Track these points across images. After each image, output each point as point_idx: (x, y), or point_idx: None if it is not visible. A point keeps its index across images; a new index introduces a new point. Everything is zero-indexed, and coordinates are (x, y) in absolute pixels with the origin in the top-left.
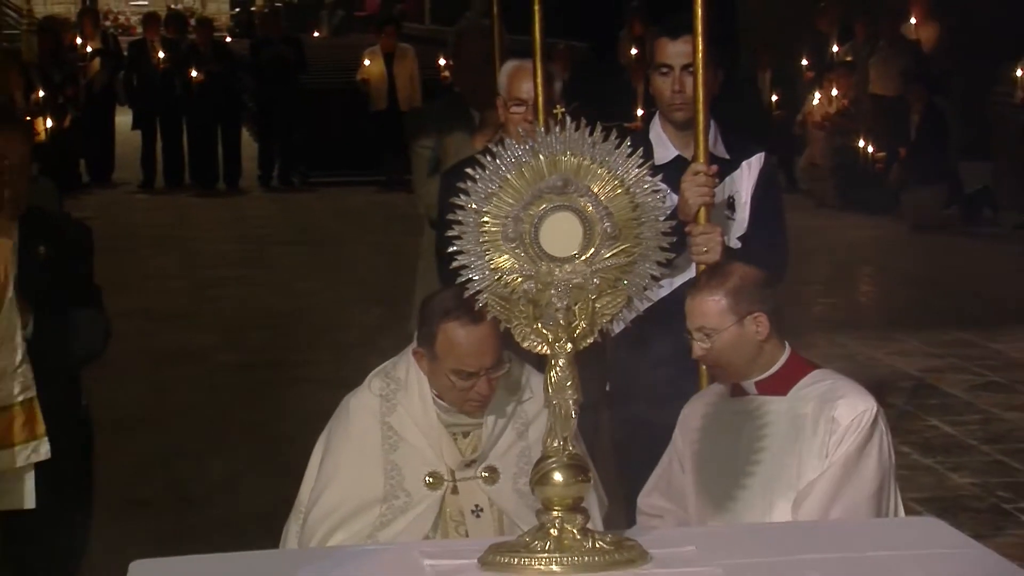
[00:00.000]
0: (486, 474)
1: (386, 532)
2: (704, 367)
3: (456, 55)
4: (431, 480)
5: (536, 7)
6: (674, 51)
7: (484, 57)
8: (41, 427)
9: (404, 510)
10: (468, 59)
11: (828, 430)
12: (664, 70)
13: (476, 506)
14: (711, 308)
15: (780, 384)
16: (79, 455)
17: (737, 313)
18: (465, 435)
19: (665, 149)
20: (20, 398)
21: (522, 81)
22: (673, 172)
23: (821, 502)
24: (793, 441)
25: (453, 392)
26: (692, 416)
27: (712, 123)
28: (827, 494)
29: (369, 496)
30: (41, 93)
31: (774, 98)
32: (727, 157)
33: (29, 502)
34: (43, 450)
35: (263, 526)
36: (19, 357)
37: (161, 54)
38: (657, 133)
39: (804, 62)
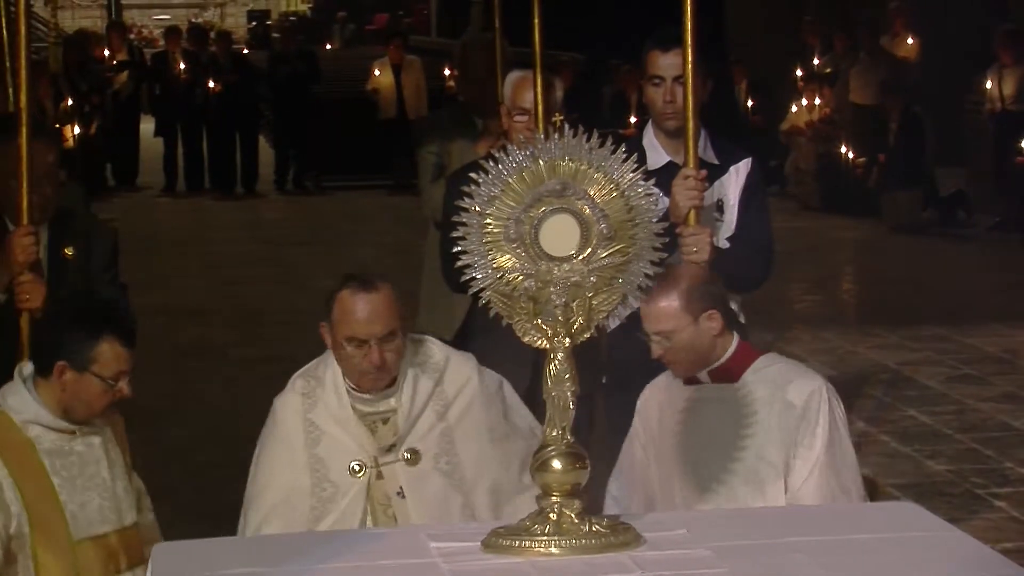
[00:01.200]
0: (408, 456)
1: (322, 525)
2: None
3: (461, 66)
4: (356, 468)
5: (536, 20)
6: (665, 63)
7: (487, 68)
8: None
9: (332, 500)
10: (472, 70)
11: (784, 412)
12: (656, 81)
13: (400, 488)
14: (666, 311)
15: (731, 372)
16: None
17: (692, 313)
18: (384, 422)
19: (657, 155)
20: None
21: (525, 91)
22: (665, 176)
23: (820, 499)
24: (749, 425)
25: (350, 364)
26: (649, 404)
27: (702, 130)
28: (828, 489)
29: (298, 493)
30: (69, 102)
31: (750, 104)
32: (716, 162)
33: None
34: None
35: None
36: (152, 519)
37: (182, 65)
38: (650, 140)
39: (799, 72)
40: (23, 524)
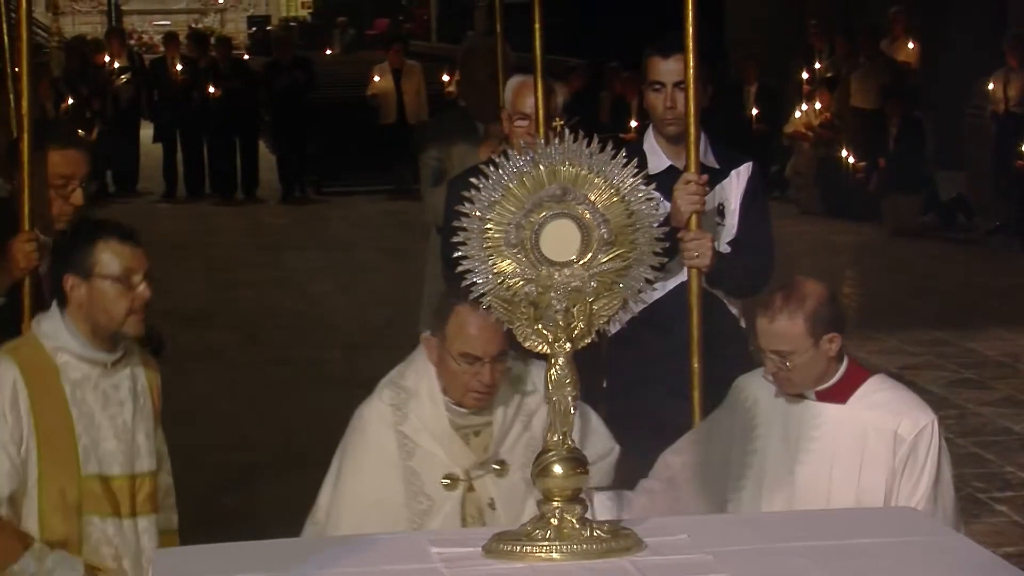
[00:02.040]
0: (497, 467)
1: None
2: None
3: (463, 71)
4: (447, 482)
5: (536, 25)
6: (666, 69)
7: (489, 73)
8: None
9: (428, 513)
10: (474, 75)
11: (891, 444)
12: (657, 87)
13: (491, 499)
14: (790, 332)
15: (839, 393)
16: None
17: (815, 336)
18: (476, 434)
19: (658, 159)
20: (172, 526)
21: (525, 96)
22: (666, 181)
23: None
24: (853, 451)
25: (457, 380)
26: (746, 396)
27: (703, 135)
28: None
29: (391, 504)
30: (70, 100)
31: (755, 112)
32: (717, 167)
33: None
34: None
35: (279, 515)
36: (170, 482)
37: (180, 69)
38: (651, 144)
39: (804, 75)
40: (32, 449)
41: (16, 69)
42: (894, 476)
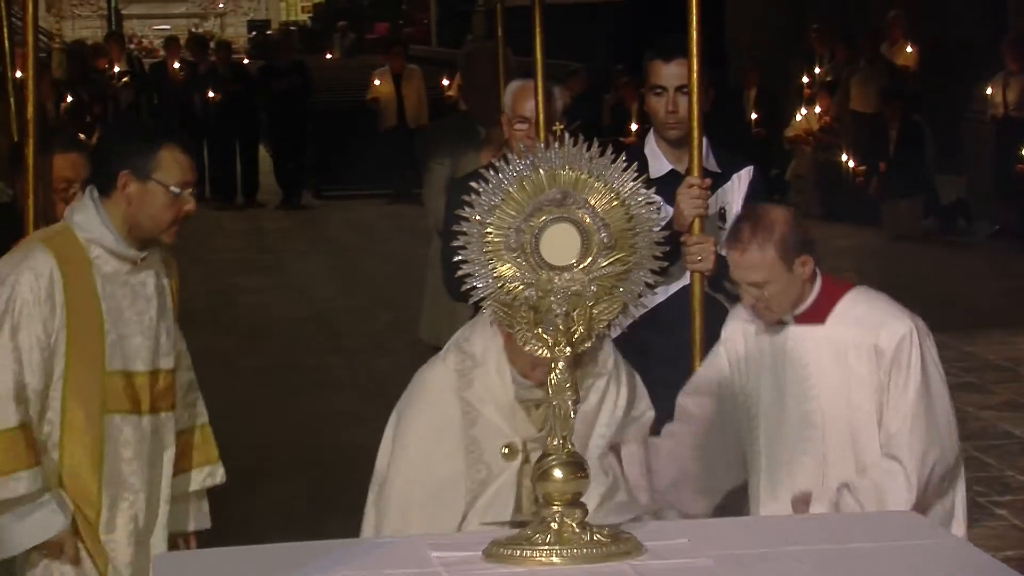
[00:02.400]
0: None
1: (475, 509)
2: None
3: (464, 76)
4: (507, 451)
5: (537, 29)
6: (667, 73)
7: (492, 77)
8: (215, 451)
9: (487, 483)
10: (476, 80)
11: (873, 358)
12: (658, 91)
13: None
14: (763, 262)
15: (817, 314)
16: None
17: (787, 261)
18: (537, 407)
19: (659, 163)
20: (199, 421)
21: (525, 100)
22: (667, 185)
23: (921, 448)
24: (838, 370)
25: (525, 356)
26: (735, 335)
27: (704, 139)
28: (920, 436)
29: (450, 470)
30: (69, 98)
31: (754, 116)
32: (718, 171)
33: (205, 522)
34: (219, 474)
35: (279, 519)
36: (191, 378)
37: (180, 73)
38: (652, 148)
39: (804, 79)
40: (60, 342)
41: (19, 74)
42: (882, 391)
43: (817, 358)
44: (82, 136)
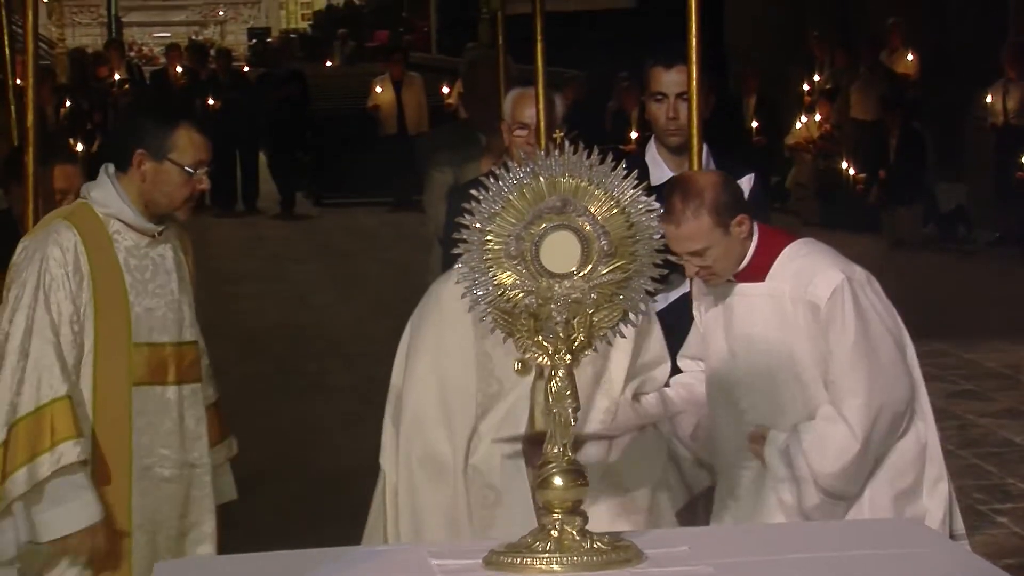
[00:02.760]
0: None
1: (486, 423)
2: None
3: (466, 83)
4: (519, 366)
5: (538, 36)
6: (668, 80)
7: (494, 85)
8: (227, 427)
9: (499, 398)
10: (477, 87)
11: (809, 312)
12: (659, 98)
13: None
14: (699, 230)
15: (755, 271)
16: None
17: (723, 225)
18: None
19: (660, 170)
20: (213, 399)
21: (525, 107)
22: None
23: (864, 395)
24: (779, 326)
25: None
26: (697, 292)
27: (704, 146)
28: (862, 383)
29: (462, 382)
30: (68, 103)
31: (754, 124)
32: None
33: (232, 493)
34: (234, 445)
35: (278, 526)
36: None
37: (181, 80)
38: (652, 156)
39: (805, 87)
40: (88, 317)
41: (19, 81)
42: (822, 341)
43: (762, 314)
44: (81, 146)
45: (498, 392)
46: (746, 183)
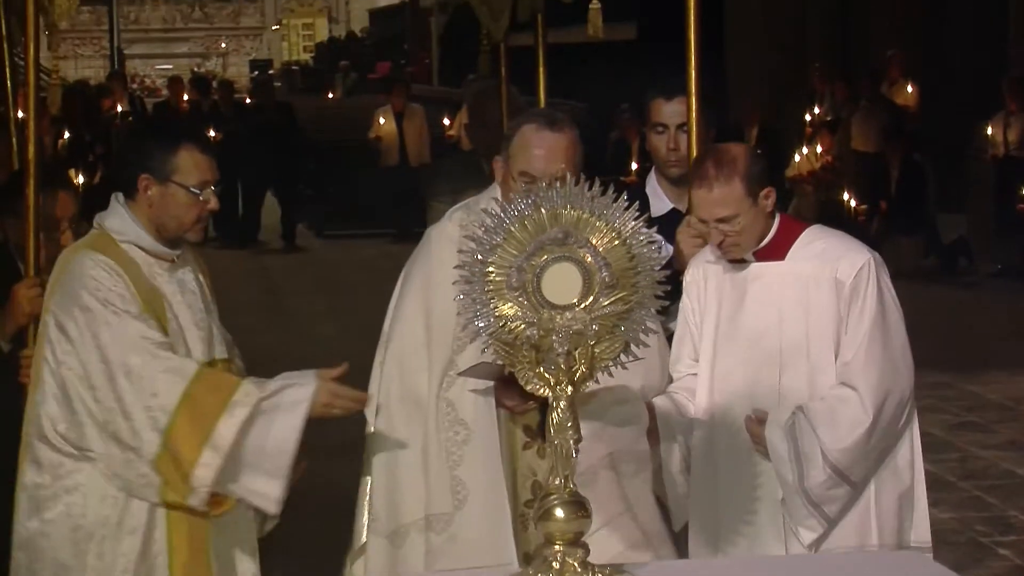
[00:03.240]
0: None
1: (463, 356)
2: None
3: (473, 114)
4: None
5: (540, 68)
6: (669, 111)
7: (500, 116)
8: None
9: (478, 332)
10: (484, 118)
11: (833, 289)
12: (660, 129)
13: None
14: (730, 196)
15: (776, 249)
16: None
17: (752, 195)
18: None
19: (661, 202)
20: None
21: None
22: (669, 224)
23: (876, 374)
24: (801, 300)
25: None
26: (697, 277)
27: None
28: (875, 363)
29: (446, 316)
30: (67, 135)
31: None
32: None
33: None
34: None
35: (278, 554)
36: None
37: (185, 112)
38: (653, 187)
39: (808, 117)
40: None
41: (21, 114)
42: (840, 322)
43: (779, 293)
44: (82, 177)
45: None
46: None
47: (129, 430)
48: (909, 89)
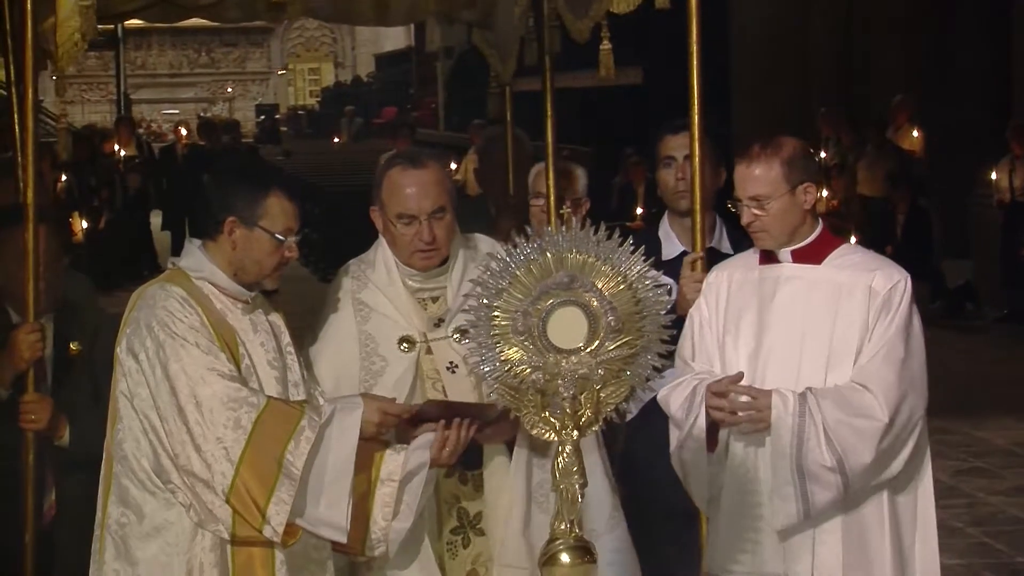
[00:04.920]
0: (457, 336)
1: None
2: None
3: (484, 158)
4: (405, 346)
5: (548, 112)
6: (676, 143)
7: (507, 160)
8: None
9: (381, 373)
10: (495, 162)
11: (866, 298)
12: (667, 161)
13: (451, 363)
14: (767, 175)
15: (814, 254)
16: None
17: (790, 182)
18: (434, 300)
19: (672, 245)
20: None
21: (542, 179)
22: (679, 267)
23: (895, 378)
24: (830, 306)
25: (401, 243)
26: (719, 281)
27: (718, 220)
28: (894, 369)
29: (349, 366)
30: (64, 177)
31: None
32: (731, 252)
33: None
34: None
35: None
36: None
37: (186, 156)
38: (665, 230)
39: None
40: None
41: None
42: (866, 330)
43: (808, 294)
44: (86, 223)
45: (382, 368)
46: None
47: (200, 462)
48: (915, 134)
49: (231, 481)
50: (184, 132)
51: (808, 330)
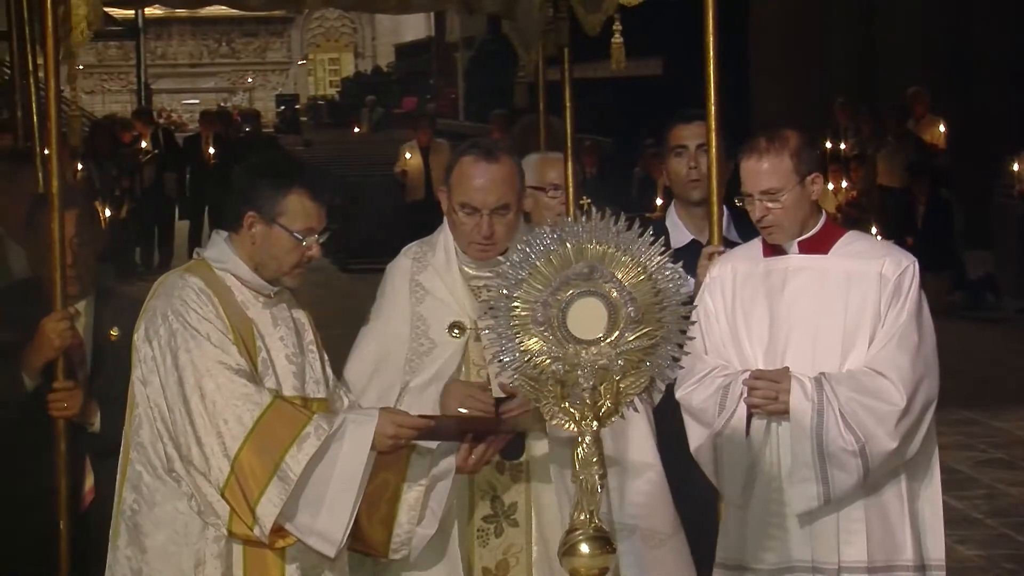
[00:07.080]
0: None
1: (416, 379)
2: None
3: (519, 147)
4: (456, 332)
5: (568, 103)
6: (688, 132)
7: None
8: None
9: (429, 354)
10: (528, 152)
11: (876, 285)
12: (679, 151)
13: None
14: (778, 168)
15: (820, 243)
16: None
17: (800, 173)
18: (489, 289)
19: (680, 234)
20: None
21: (550, 169)
22: (689, 255)
23: (909, 362)
24: (842, 294)
25: (461, 231)
26: (723, 276)
27: (725, 209)
28: (908, 354)
29: (396, 344)
30: (79, 166)
31: None
32: (740, 241)
33: None
34: None
35: None
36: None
37: (212, 149)
38: (673, 220)
39: (829, 147)
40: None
41: (46, 151)
42: (878, 319)
43: (819, 284)
44: (108, 211)
45: (429, 350)
46: None
47: (200, 454)
48: (941, 128)
49: (226, 476)
50: (212, 151)
51: (822, 319)
